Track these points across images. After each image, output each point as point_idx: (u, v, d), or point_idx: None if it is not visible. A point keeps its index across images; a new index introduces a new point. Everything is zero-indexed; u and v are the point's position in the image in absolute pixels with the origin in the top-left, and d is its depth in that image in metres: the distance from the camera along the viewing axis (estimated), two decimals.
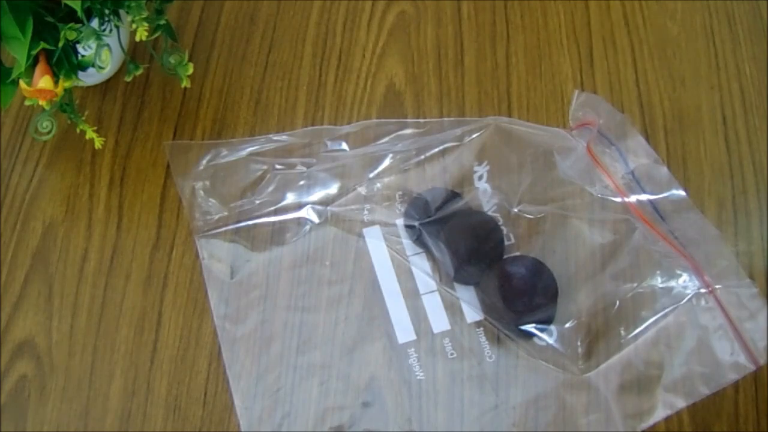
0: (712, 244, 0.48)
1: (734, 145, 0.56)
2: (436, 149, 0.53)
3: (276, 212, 0.52)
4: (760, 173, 0.55)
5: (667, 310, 0.48)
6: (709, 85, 0.58)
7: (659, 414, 0.46)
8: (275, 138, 0.54)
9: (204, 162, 0.52)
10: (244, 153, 0.53)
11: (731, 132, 0.56)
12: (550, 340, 0.47)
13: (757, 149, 0.55)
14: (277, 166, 0.52)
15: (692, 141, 0.55)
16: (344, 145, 0.53)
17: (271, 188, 0.52)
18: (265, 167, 0.52)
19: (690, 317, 0.48)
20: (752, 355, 0.46)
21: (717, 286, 0.48)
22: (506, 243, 0.50)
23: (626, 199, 0.49)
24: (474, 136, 0.53)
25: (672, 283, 0.48)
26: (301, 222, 0.52)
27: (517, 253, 0.50)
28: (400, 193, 0.52)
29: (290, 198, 0.52)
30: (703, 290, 0.48)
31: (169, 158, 0.53)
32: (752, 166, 0.55)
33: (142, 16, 0.45)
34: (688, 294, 0.48)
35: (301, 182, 0.52)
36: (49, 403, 0.47)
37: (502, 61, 0.59)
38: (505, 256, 0.50)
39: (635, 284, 0.49)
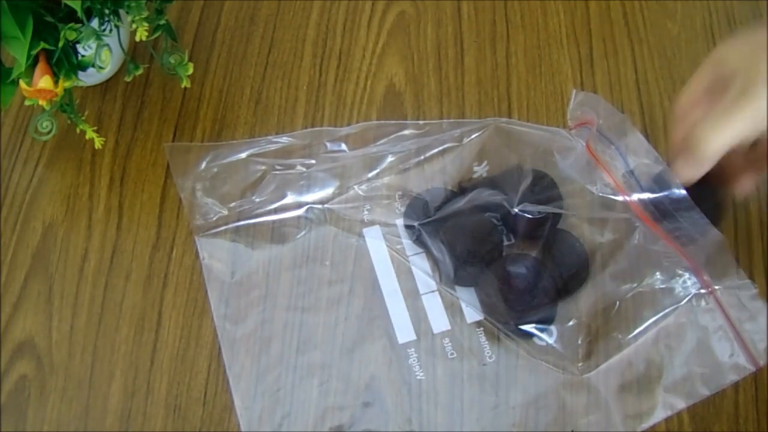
0: (712, 244, 0.48)
1: None
2: (436, 149, 0.53)
3: (276, 211, 0.52)
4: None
5: (667, 311, 0.48)
6: None
7: (659, 414, 0.46)
8: (275, 139, 0.54)
9: (204, 164, 0.52)
10: (243, 154, 0.53)
11: None
12: (550, 341, 0.47)
13: None
14: (277, 167, 0.52)
15: None
16: (344, 146, 0.53)
17: (270, 188, 0.52)
18: (264, 168, 0.52)
19: (690, 318, 0.48)
20: (752, 356, 0.46)
21: (717, 287, 0.48)
22: (506, 243, 0.50)
23: (627, 198, 0.49)
24: (473, 136, 0.53)
25: (672, 284, 0.48)
26: (300, 222, 0.52)
27: (517, 252, 0.50)
28: (400, 193, 0.52)
29: (290, 197, 0.52)
30: (702, 291, 0.48)
31: (168, 159, 0.53)
32: None
33: (142, 16, 0.45)
34: (688, 295, 0.48)
35: (301, 182, 0.52)
36: (49, 403, 0.47)
37: (502, 61, 0.59)
38: (504, 254, 0.50)
39: (635, 284, 0.49)
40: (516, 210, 0.49)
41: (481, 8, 0.61)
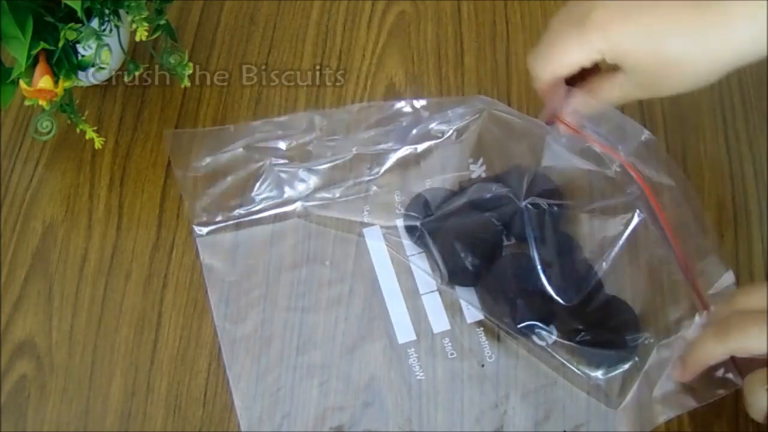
0: (710, 261, 0.48)
1: (734, 145, 0.55)
2: (431, 142, 0.53)
3: (276, 214, 0.52)
4: (760, 173, 0.54)
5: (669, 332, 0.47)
6: (709, 85, 0.58)
7: (658, 419, 0.46)
8: (276, 120, 0.54)
9: (203, 153, 0.52)
10: (242, 142, 0.52)
11: (731, 132, 0.56)
12: (551, 341, 0.47)
13: (757, 149, 0.55)
14: (275, 162, 0.52)
15: (692, 141, 0.55)
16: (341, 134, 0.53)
17: (271, 189, 0.52)
18: (262, 163, 0.52)
19: (684, 332, 0.47)
20: (740, 372, 0.45)
21: (712, 306, 0.47)
22: (506, 243, 0.50)
23: (621, 159, 0.47)
24: (467, 120, 0.52)
25: (669, 302, 0.48)
26: (300, 222, 0.52)
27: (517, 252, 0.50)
28: (399, 192, 0.52)
29: (290, 199, 0.52)
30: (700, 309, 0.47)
31: (169, 150, 0.53)
32: (752, 166, 0.55)
33: (142, 16, 0.45)
34: (685, 313, 0.47)
35: (301, 182, 0.52)
36: (49, 403, 0.47)
37: (502, 61, 0.59)
38: (504, 254, 0.50)
39: (639, 304, 0.48)
40: (524, 204, 0.48)
41: (481, 8, 0.61)
